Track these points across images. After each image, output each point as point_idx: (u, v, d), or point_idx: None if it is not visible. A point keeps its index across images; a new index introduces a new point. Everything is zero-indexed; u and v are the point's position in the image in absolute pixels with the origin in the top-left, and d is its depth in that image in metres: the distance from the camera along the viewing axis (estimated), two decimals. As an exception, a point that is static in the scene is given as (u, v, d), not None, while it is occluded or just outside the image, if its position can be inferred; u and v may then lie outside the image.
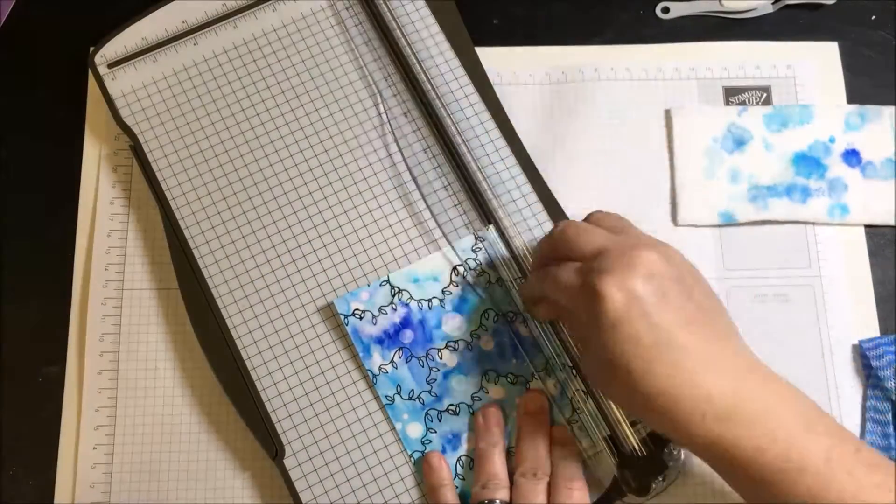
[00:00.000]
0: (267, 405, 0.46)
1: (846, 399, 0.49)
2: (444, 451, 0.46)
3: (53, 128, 0.54)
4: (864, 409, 0.48)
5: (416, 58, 0.52)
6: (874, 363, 0.48)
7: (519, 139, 0.51)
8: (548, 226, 0.49)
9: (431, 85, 0.51)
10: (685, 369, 0.36)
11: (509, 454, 0.46)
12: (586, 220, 0.44)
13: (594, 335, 0.38)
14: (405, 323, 0.47)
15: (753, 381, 0.37)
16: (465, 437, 0.46)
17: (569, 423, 0.46)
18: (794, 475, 0.35)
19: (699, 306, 0.38)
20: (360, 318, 0.47)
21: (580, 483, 0.44)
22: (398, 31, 0.52)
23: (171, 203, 0.49)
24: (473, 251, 0.48)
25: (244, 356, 0.47)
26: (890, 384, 0.47)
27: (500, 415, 0.46)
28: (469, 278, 0.48)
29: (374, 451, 0.46)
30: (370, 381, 0.47)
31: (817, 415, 0.37)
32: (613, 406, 0.45)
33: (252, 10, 0.52)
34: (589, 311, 0.38)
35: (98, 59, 0.52)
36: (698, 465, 0.47)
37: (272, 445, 0.46)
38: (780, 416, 0.36)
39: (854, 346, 0.49)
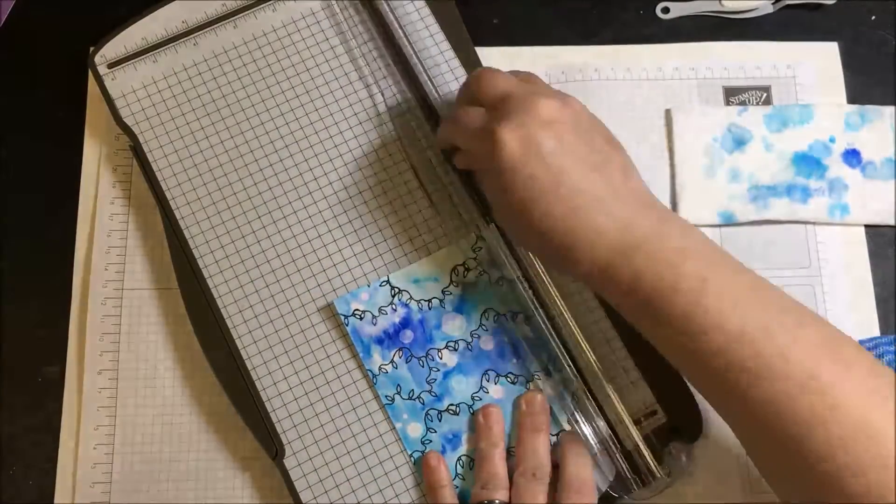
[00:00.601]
0: (267, 405, 0.46)
1: (846, 399, 0.49)
2: (443, 450, 0.46)
3: (53, 128, 0.54)
4: (864, 409, 0.48)
5: (417, 58, 0.52)
6: (874, 363, 0.48)
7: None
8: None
9: (432, 85, 0.51)
10: (580, 208, 0.38)
11: (509, 454, 0.46)
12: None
13: (496, 178, 0.40)
14: (405, 323, 0.47)
15: (643, 215, 0.39)
16: (464, 436, 0.46)
17: (569, 423, 0.46)
18: (669, 293, 0.37)
19: (596, 149, 0.40)
20: (360, 319, 0.47)
21: (589, 486, 0.44)
22: (398, 31, 0.52)
23: (171, 203, 0.49)
24: (473, 251, 0.48)
25: (244, 356, 0.47)
26: (890, 384, 0.47)
27: (501, 414, 0.46)
28: (469, 278, 0.48)
29: (374, 451, 0.46)
30: (370, 381, 0.47)
31: (700, 242, 0.39)
32: (614, 405, 0.45)
33: (252, 10, 0.52)
34: (489, 155, 0.40)
35: (98, 59, 0.52)
36: (699, 465, 0.47)
37: (272, 445, 0.46)
38: (661, 242, 0.38)
39: (854, 346, 0.49)
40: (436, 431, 0.46)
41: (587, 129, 0.40)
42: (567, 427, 0.46)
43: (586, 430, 0.46)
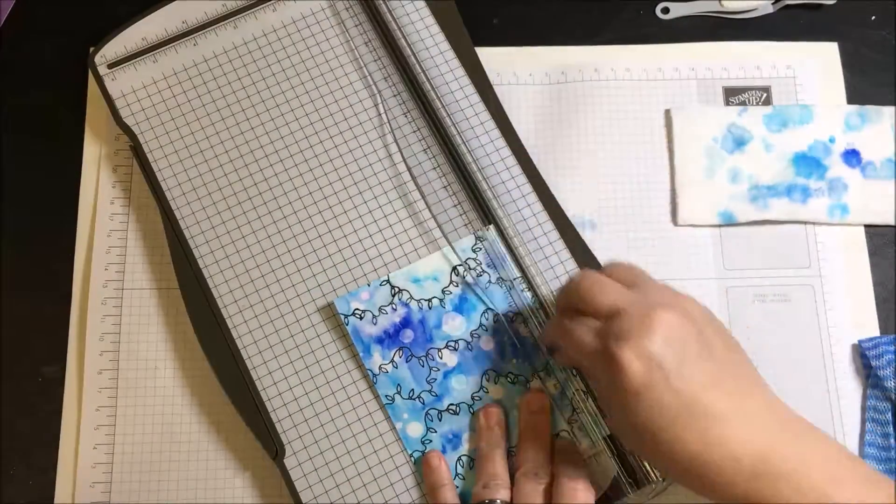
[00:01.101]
0: (267, 405, 0.46)
1: (846, 399, 0.49)
2: (444, 450, 0.46)
3: (53, 128, 0.54)
4: (864, 409, 0.48)
5: (416, 58, 0.52)
6: (874, 363, 0.48)
7: (519, 139, 0.51)
8: (548, 225, 0.49)
9: (431, 85, 0.51)
10: (713, 433, 0.36)
11: (510, 454, 0.46)
12: (603, 270, 0.43)
13: (617, 401, 0.37)
14: (405, 323, 0.47)
15: (783, 437, 0.36)
16: (465, 436, 0.46)
17: (569, 423, 0.46)
18: None
19: (721, 363, 0.37)
20: (361, 318, 0.47)
21: (584, 483, 0.44)
22: (398, 31, 0.52)
23: (171, 203, 0.49)
24: (473, 251, 0.48)
25: (244, 356, 0.47)
26: (890, 384, 0.47)
27: (502, 414, 0.46)
28: (469, 278, 0.48)
29: (375, 451, 0.46)
30: (370, 380, 0.47)
31: (845, 460, 0.36)
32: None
33: (252, 10, 0.52)
34: (609, 378, 0.37)
35: (98, 59, 0.52)
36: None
37: (272, 445, 0.46)
38: (808, 468, 0.35)
39: (854, 346, 0.49)
40: (436, 431, 0.46)
41: (709, 337, 0.38)
42: (567, 426, 0.46)
43: (585, 430, 0.46)
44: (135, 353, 0.50)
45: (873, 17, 0.56)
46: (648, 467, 0.44)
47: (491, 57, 0.53)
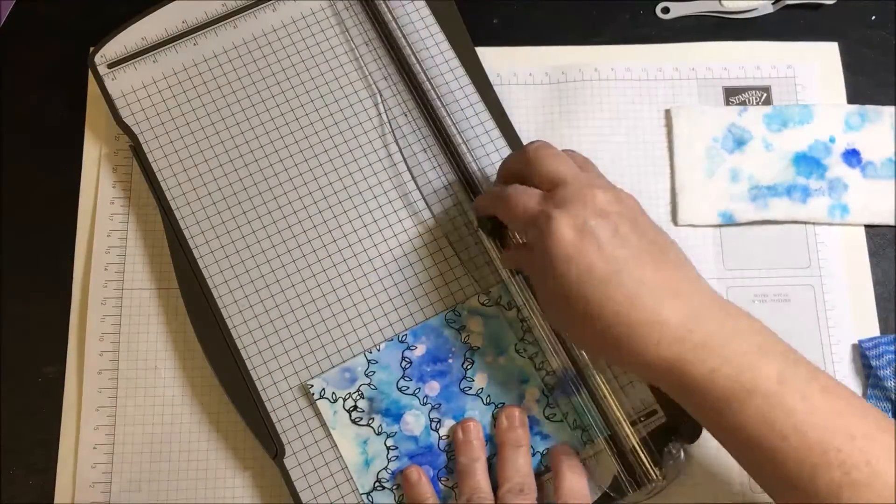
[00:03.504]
0: (267, 405, 0.46)
1: (846, 399, 0.49)
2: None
3: (53, 128, 0.54)
4: (864, 409, 0.48)
5: (416, 58, 0.52)
6: (874, 363, 0.48)
7: (519, 139, 0.51)
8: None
9: (431, 85, 0.51)
10: (641, 297, 0.37)
11: (489, 465, 0.45)
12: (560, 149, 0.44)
13: (548, 268, 0.39)
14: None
15: (709, 308, 0.37)
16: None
17: (568, 424, 0.46)
18: (744, 396, 0.35)
19: (652, 241, 0.39)
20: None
21: (585, 498, 0.44)
22: (398, 31, 0.52)
23: (171, 203, 0.49)
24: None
25: (244, 356, 0.47)
26: (890, 384, 0.47)
27: (480, 429, 0.46)
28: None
29: (374, 451, 0.46)
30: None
31: (772, 339, 0.37)
32: (613, 406, 0.45)
33: (252, 10, 0.52)
34: (541, 241, 0.39)
35: (98, 59, 0.52)
36: (698, 465, 0.47)
37: (272, 445, 0.46)
38: (734, 339, 0.36)
39: (854, 346, 0.49)
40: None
41: (640, 222, 0.39)
42: (567, 426, 0.46)
43: (585, 430, 0.46)
44: (135, 353, 0.50)
45: (873, 17, 0.56)
46: (649, 467, 0.44)
47: (491, 57, 0.53)
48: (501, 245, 0.47)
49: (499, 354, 0.47)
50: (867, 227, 0.52)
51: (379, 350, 0.47)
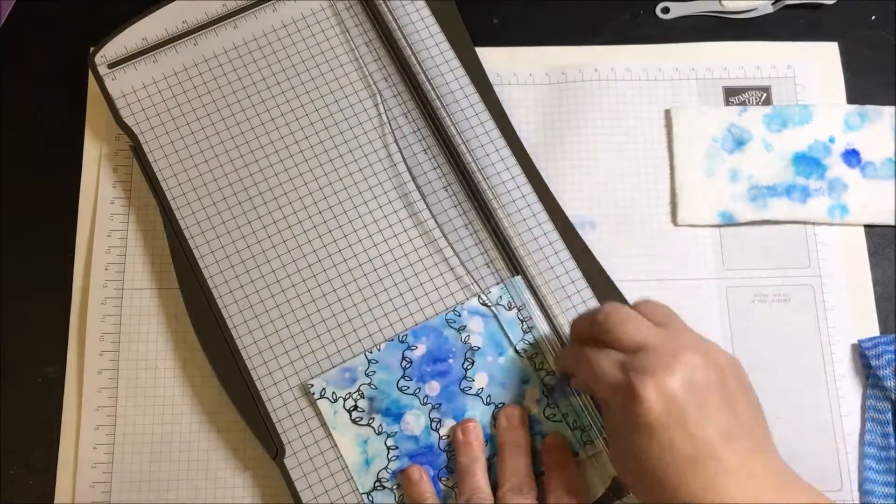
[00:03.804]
0: (267, 405, 0.46)
1: (846, 398, 0.49)
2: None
3: (53, 128, 0.54)
4: (864, 409, 0.48)
5: (417, 58, 0.52)
6: (874, 363, 0.48)
7: (519, 139, 0.51)
8: (547, 226, 0.49)
9: (431, 85, 0.51)
10: (720, 485, 0.35)
11: (489, 465, 0.45)
12: (634, 305, 0.42)
13: (628, 434, 0.37)
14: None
15: (781, 494, 0.36)
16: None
17: (569, 425, 0.46)
18: None
19: (739, 417, 0.37)
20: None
21: (578, 495, 0.43)
22: (398, 31, 0.52)
23: (171, 203, 0.49)
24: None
25: (244, 356, 0.47)
26: (889, 384, 0.47)
27: (480, 429, 0.46)
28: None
29: (375, 451, 0.46)
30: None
31: None
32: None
33: (252, 10, 0.52)
34: (625, 410, 0.37)
35: (98, 59, 0.52)
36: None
37: (272, 445, 0.46)
38: None
39: (854, 346, 0.49)
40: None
41: (731, 389, 0.37)
42: (567, 426, 0.46)
43: (585, 430, 0.46)
44: (135, 353, 0.50)
45: (873, 17, 0.56)
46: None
47: (491, 57, 0.53)
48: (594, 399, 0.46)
49: (499, 354, 0.47)
50: (867, 227, 0.52)
51: (379, 350, 0.47)
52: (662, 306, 0.41)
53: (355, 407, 0.46)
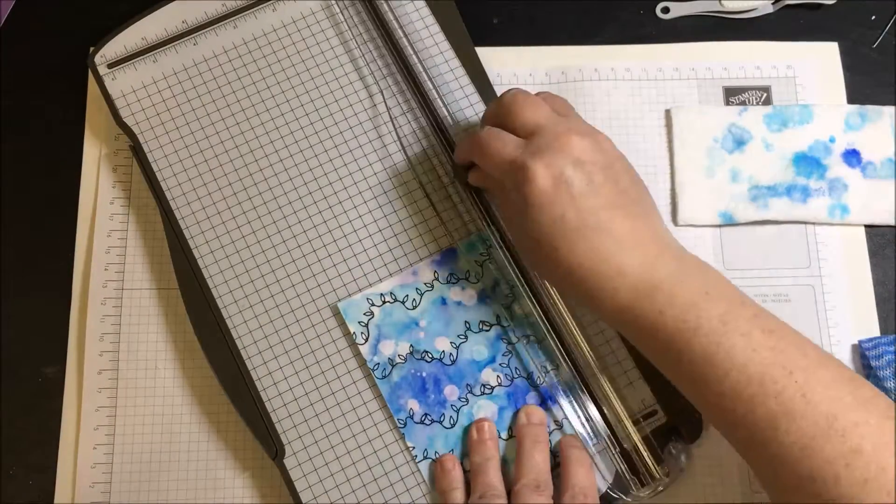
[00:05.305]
0: (267, 405, 0.46)
1: (846, 399, 0.49)
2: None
3: (53, 128, 0.54)
4: (864, 409, 0.48)
5: (417, 58, 0.52)
6: (874, 363, 0.48)
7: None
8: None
9: (432, 85, 0.51)
10: (604, 248, 0.39)
11: (504, 467, 0.45)
12: (538, 93, 0.45)
13: (522, 212, 0.40)
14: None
15: (664, 257, 0.40)
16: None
17: (568, 423, 0.46)
18: (690, 335, 0.37)
19: (624, 191, 0.40)
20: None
21: (593, 493, 0.44)
22: (398, 30, 0.52)
23: (171, 203, 0.49)
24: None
25: (244, 356, 0.47)
26: (889, 384, 0.47)
27: (494, 429, 0.46)
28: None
29: (375, 451, 0.46)
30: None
31: (720, 284, 0.39)
32: (614, 406, 0.45)
33: (252, 10, 0.52)
34: (517, 188, 0.40)
35: (98, 59, 0.52)
36: (699, 465, 0.47)
37: (272, 445, 0.46)
38: (683, 284, 0.39)
39: (854, 346, 0.49)
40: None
41: (616, 169, 0.41)
42: (567, 427, 0.46)
43: (585, 429, 0.46)
44: (135, 353, 0.50)
45: (873, 17, 0.56)
46: (651, 466, 0.44)
47: (491, 57, 0.53)
48: (478, 196, 0.48)
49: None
50: (867, 227, 0.52)
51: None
52: (563, 99, 0.45)
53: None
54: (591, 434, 0.45)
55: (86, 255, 0.51)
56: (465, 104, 0.51)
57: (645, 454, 0.45)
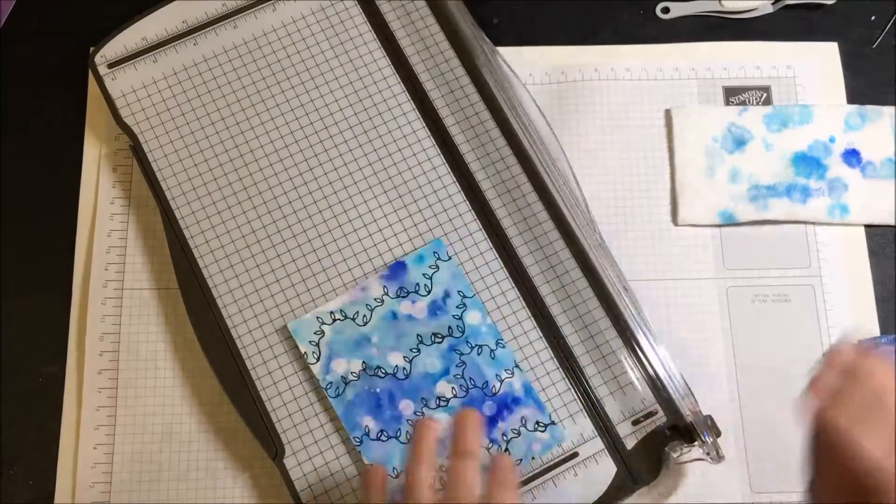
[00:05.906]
0: (267, 405, 0.46)
1: (846, 399, 0.49)
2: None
3: (53, 128, 0.54)
4: (865, 409, 0.48)
5: (417, 57, 0.52)
6: (874, 363, 0.48)
7: (519, 139, 0.51)
8: (548, 225, 0.49)
9: (434, 84, 0.51)
10: None
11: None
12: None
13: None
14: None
15: None
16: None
17: (568, 421, 0.46)
18: None
19: None
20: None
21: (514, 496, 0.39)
22: (398, 31, 0.52)
23: (171, 203, 0.49)
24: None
25: (244, 356, 0.47)
26: (890, 384, 0.47)
27: (433, 430, 0.40)
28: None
29: (374, 451, 0.46)
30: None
31: None
32: (614, 405, 0.45)
33: (252, 10, 0.52)
34: (880, 489, 0.33)
35: (98, 59, 0.52)
36: (698, 464, 0.47)
37: (272, 445, 0.46)
38: None
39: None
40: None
41: None
42: (567, 426, 0.46)
43: (586, 428, 0.46)
44: (135, 353, 0.50)
45: (873, 17, 0.56)
46: (650, 466, 0.44)
47: (491, 57, 0.54)
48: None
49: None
50: (867, 227, 0.52)
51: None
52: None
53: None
54: (593, 434, 0.45)
55: (86, 255, 0.51)
56: (465, 104, 0.51)
57: (643, 455, 0.45)
